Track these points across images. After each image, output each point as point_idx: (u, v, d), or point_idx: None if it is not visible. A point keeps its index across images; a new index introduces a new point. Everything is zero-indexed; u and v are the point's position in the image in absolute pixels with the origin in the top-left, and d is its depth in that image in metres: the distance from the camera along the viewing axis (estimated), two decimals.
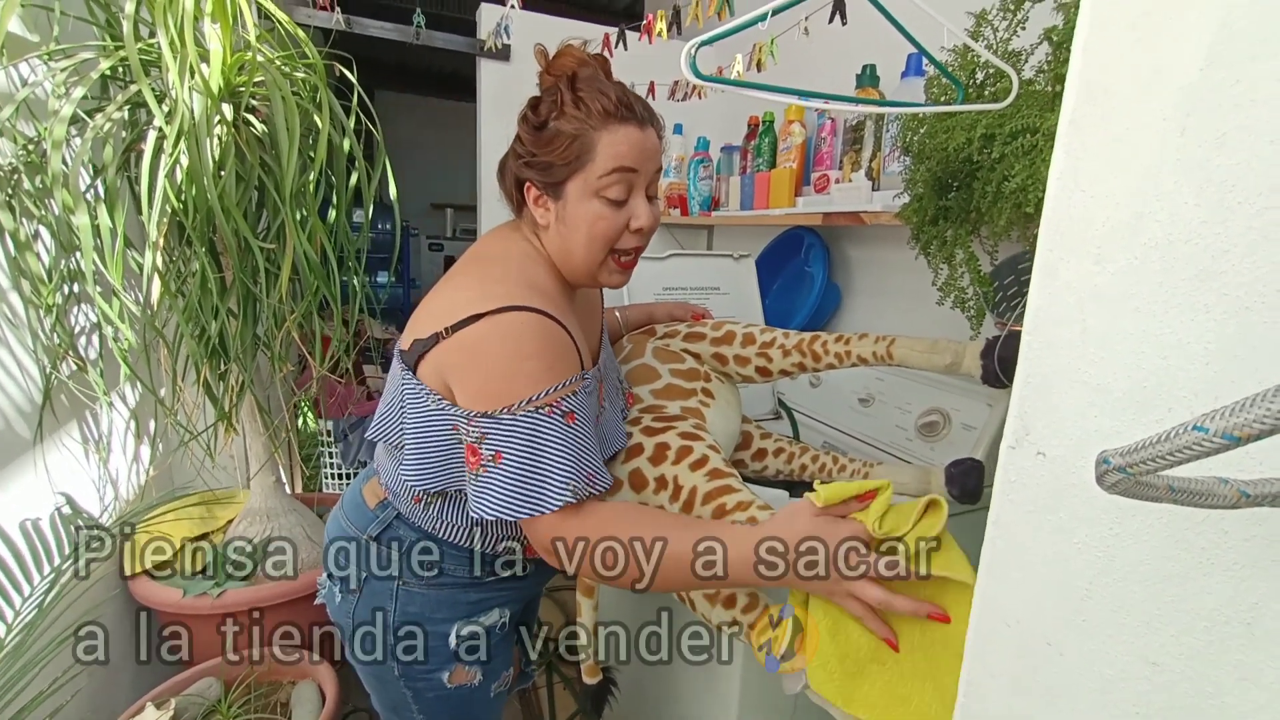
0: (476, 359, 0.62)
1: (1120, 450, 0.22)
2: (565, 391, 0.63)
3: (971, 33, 0.92)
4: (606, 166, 0.65)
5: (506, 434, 0.61)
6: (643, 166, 0.67)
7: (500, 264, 0.70)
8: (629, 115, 0.66)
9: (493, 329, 0.62)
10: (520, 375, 0.61)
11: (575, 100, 0.65)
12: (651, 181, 0.70)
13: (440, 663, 0.77)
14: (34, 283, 0.97)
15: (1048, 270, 0.35)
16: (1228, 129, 0.27)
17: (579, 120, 0.65)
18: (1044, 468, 0.36)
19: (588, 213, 0.67)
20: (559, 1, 3.70)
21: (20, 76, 1.00)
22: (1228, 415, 0.19)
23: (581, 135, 0.65)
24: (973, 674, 0.41)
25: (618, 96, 0.65)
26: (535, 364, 0.62)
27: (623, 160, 0.65)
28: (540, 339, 0.63)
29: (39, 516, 0.95)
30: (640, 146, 0.66)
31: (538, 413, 0.61)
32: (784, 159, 1.51)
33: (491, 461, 0.62)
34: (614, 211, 0.67)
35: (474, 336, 0.62)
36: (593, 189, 0.66)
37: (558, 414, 0.62)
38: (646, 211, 0.69)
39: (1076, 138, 0.33)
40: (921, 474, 0.95)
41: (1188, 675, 0.30)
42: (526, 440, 0.61)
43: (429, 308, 0.67)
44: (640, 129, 0.66)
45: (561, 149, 0.66)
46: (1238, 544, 0.28)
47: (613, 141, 0.65)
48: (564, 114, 0.65)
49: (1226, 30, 0.27)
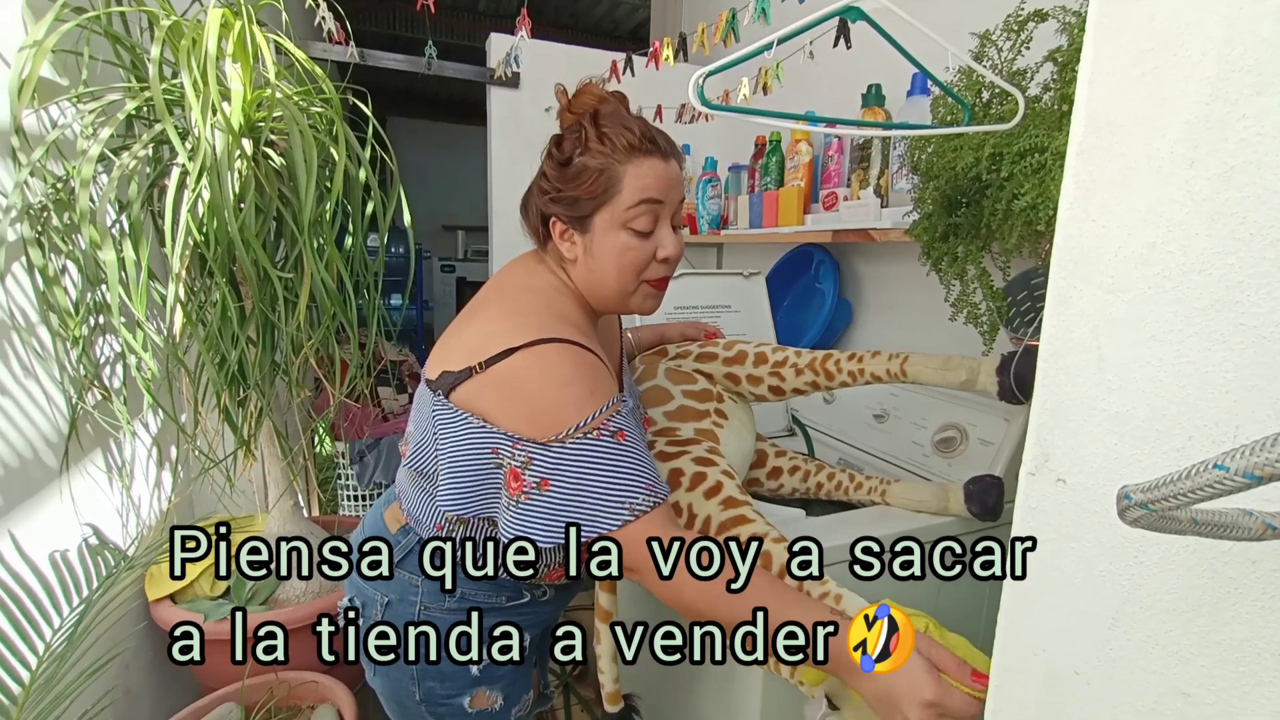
0: (517, 392, 0.63)
1: (1141, 487, 0.23)
2: (610, 413, 0.63)
3: (976, 53, 0.93)
4: (633, 199, 0.67)
5: (556, 462, 0.62)
6: (667, 197, 0.69)
7: (528, 296, 0.71)
8: (653, 148, 0.67)
9: (529, 361, 0.62)
10: (565, 404, 0.62)
11: (600, 135, 0.67)
12: (676, 211, 0.71)
13: (462, 688, 0.77)
14: (61, 316, 1.00)
15: (1061, 298, 0.35)
16: (1235, 163, 0.28)
17: (604, 155, 0.66)
18: (1065, 495, 0.35)
19: (616, 244, 0.68)
20: (567, 28, 3.78)
21: (50, 118, 1.04)
22: (1249, 455, 0.19)
23: (607, 169, 0.66)
24: (999, 704, 0.40)
25: (641, 130, 0.67)
26: (577, 390, 0.62)
27: (648, 192, 0.67)
28: (577, 366, 0.63)
29: (67, 548, 0.97)
30: (665, 178, 0.68)
31: (587, 438, 0.62)
32: (791, 177, 1.52)
33: (536, 489, 0.62)
34: (641, 242, 0.69)
35: (510, 370, 0.63)
36: (620, 221, 0.68)
37: (606, 434, 0.62)
38: (672, 240, 0.70)
39: (1085, 168, 0.34)
40: (940, 491, 0.94)
41: (1221, 709, 0.30)
42: (578, 466, 0.61)
43: (458, 339, 0.68)
44: (664, 161, 0.68)
45: (588, 183, 0.67)
46: (1266, 574, 0.28)
47: (638, 174, 0.66)
48: (589, 149, 0.67)
49: (1229, 66, 0.28)
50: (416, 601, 0.75)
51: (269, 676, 1.16)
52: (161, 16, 1.01)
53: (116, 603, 1.03)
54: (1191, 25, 0.29)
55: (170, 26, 1.00)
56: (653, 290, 0.73)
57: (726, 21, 1.10)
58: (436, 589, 0.76)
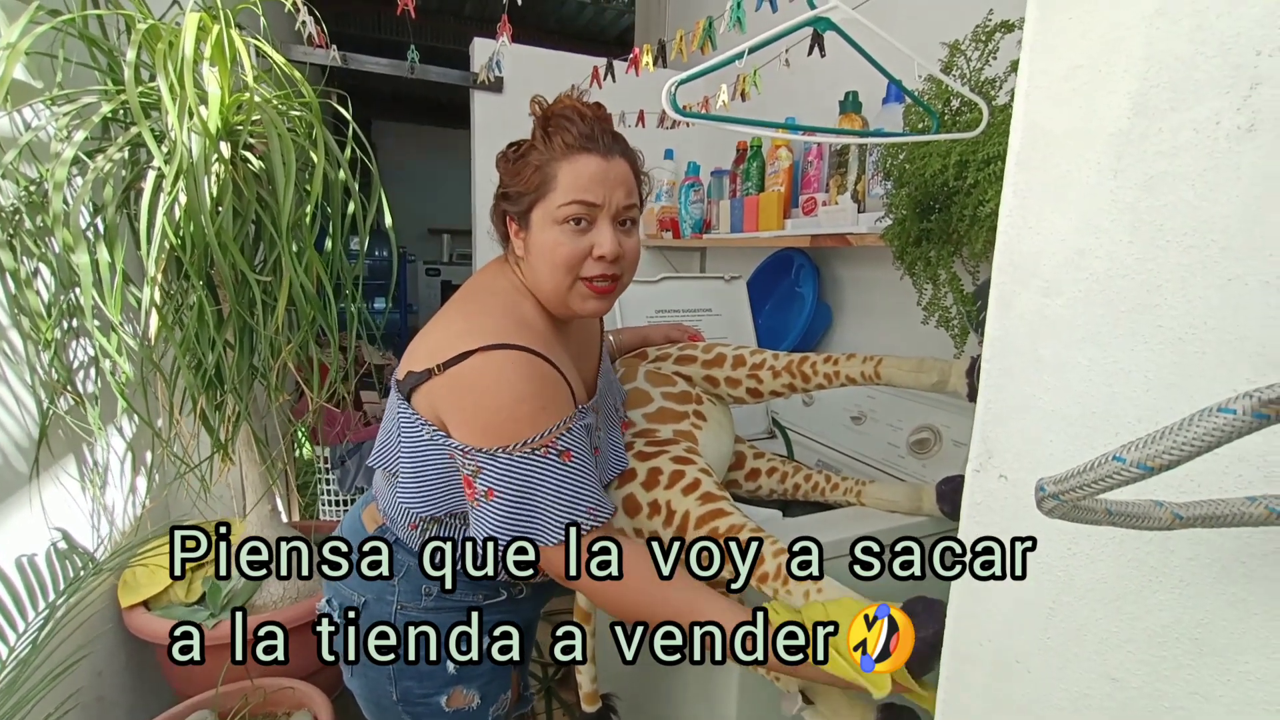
0: (469, 397, 0.64)
1: (1053, 479, 0.24)
2: (560, 431, 0.65)
3: (945, 63, 0.95)
4: (565, 196, 0.67)
5: (501, 473, 0.63)
6: (602, 196, 0.68)
7: (489, 298, 0.72)
8: (591, 146, 0.67)
9: (484, 366, 0.64)
10: (516, 418, 0.63)
11: (545, 134, 0.69)
12: (622, 210, 0.70)
13: (439, 686, 0.77)
14: (33, 319, 0.99)
15: (1003, 302, 0.37)
16: (1154, 173, 0.29)
17: (543, 152, 0.68)
18: (1006, 490, 0.37)
19: (549, 239, 0.68)
20: (553, 33, 3.80)
21: (24, 120, 1.03)
22: (1142, 447, 0.21)
23: (544, 165, 0.68)
24: (950, 692, 0.42)
25: (580, 130, 0.67)
26: (529, 405, 0.64)
27: (581, 192, 0.67)
28: (531, 379, 0.64)
29: (34, 552, 0.96)
30: (601, 176, 0.67)
31: (534, 454, 0.63)
32: (772, 182, 1.54)
33: (484, 498, 0.64)
34: (574, 239, 0.68)
35: (465, 373, 0.64)
36: (552, 217, 0.68)
37: (553, 453, 0.64)
38: (609, 239, 0.68)
39: (1023, 177, 0.35)
40: (913, 491, 0.96)
41: (1145, 691, 0.31)
42: (522, 480, 0.63)
43: (424, 342, 0.69)
44: (604, 159, 0.68)
45: (527, 178, 0.69)
46: (1182, 563, 0.29)
47: (573, 171, 0.67)
48: (534, 147, 0.69)
49: (1148, 82, 0.30)
50: (393, 601, 0.76)
51: (244, 683, 1.15)
52: (138, 20, 1.01)
53: (84, 607, 1.02)
54: (1116, 43, 0.31)
55: (147, 30, 1.00)
56: (591, 292, 0.70)
57: (704, 29, 1.12)
58: (413, 589, 0.76)
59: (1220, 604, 0.28)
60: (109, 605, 1.21)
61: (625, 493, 0.79)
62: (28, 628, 0.85)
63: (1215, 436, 0.20)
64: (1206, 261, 0.28)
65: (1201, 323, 0.28)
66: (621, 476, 0.80)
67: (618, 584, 0.65)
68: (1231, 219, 0.27)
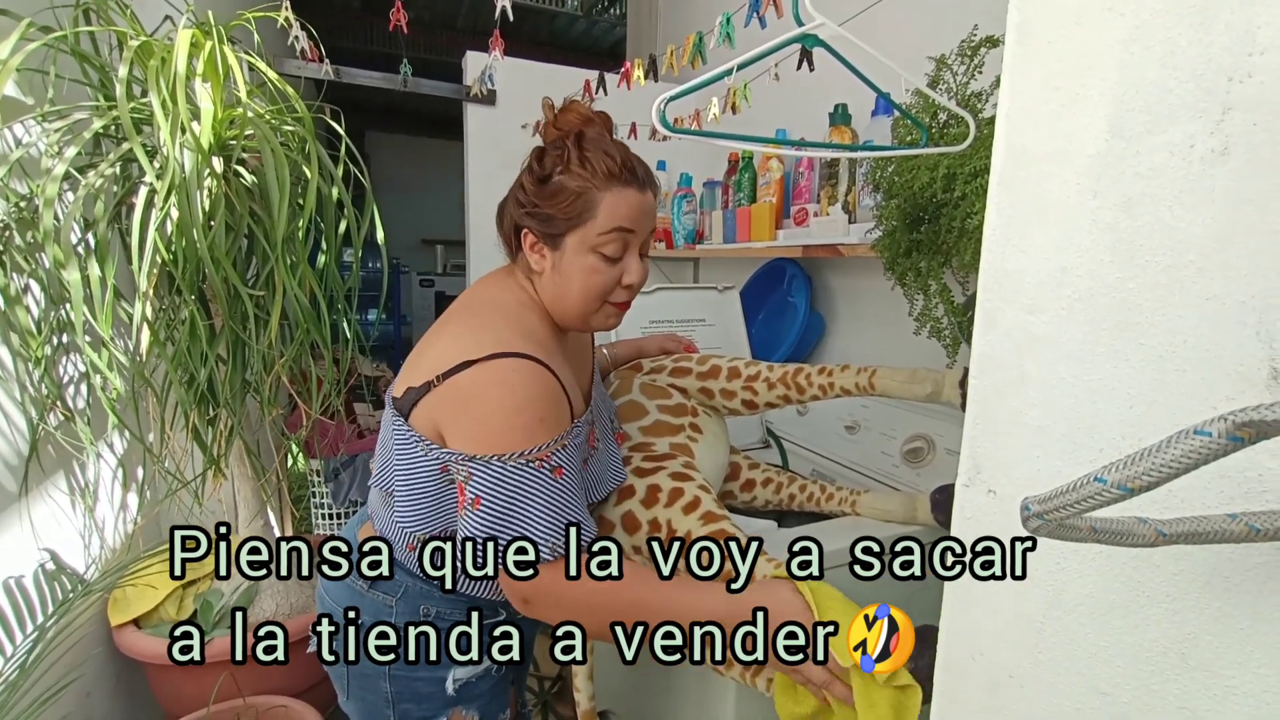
0: (469, 405, 0.64)
1: (1037, 499, 0.24)
2: (556, 447, 0.65)
3: (932, 77, 0.97)
4: (607, 225, 0.68)
5: (491, 482, 0.62)
6: (639, 227, 0.71)
7: (493, 311, 0.72)
8: (631, 179, 0.69)
9: (486, 376, 0.63)
10: (514, 428, 0.63)
11: (581, 158, 0.68)
12: (645, 241, 0.73)
13: (438, 708, 0.76)
14: (22, 335, 0.98)
15: (988, 318, 0.37)
16: (1132, 194, 0.30)
17: (583, 178, 0.68)
18: (995, 505, 0.37)
19: (583, 266, 0.70)
20: (545, 45, 3.82)
21: (15, 137, 1.03)
22: (1122, 468, 0.21)
23: (585, 193, 0.68)
24: (944, 707, 0.42)
25: (622, 159, 0.69)
26: (528, 417, 0.63)
27: (621, 221, 0.69)
28: (533, 388, 0.64)
29: (22, 574, 0.95)
30: (640, 209, 0.70)
31: (528, 466, 0.63)
32: (764, 193, 1.55)
33: (470, 506, 0.63)
34: (608, 267, 0.70)
35: (466, 382, 0.63)
36: (590, 245, 0.69)
37: (546, 469, 0.64)
38: (638, 268, 0.72)
39: (1005, 196, 0.36)
40: (908, 501, 0.96)
41: (1135, 706, 0.31)
42: (510, 491, 0.62)
43: (424, 355, 0.69)
44: (640, 192, 0.70)
45: (565, 204, 0.68)
46: (1168, 578, 0.30)
47: (614, 202, 0.68)
48: (569, 170, 0.68)
49: (1124, 105, 0.30)
50: (392, 622, 0.75)
51: (236, 701, 1.14)
52: (131, 36, 1.01)
53: (74, 629, 1.01)
54: (1092, 67, 0.32)
55: (139, 46, 1.00)
56: (615, 310, 0.75)
57: (694, 44, 1.13)
58: (411, 609, 0.75)
59: (1205, 619, 0.28)
60: (99, 625, 1.20)
61: (624, 510, 0.79)
62: (16, 651, 0.84)
63: (1192, 459, 0.20)
64: (1184, 281, 0.29)
65: (1181, 341, 0.29)
66: (620, 493, 0.80)
67: (608, 593, 0.65)
68: (1207, 240, 0.28)
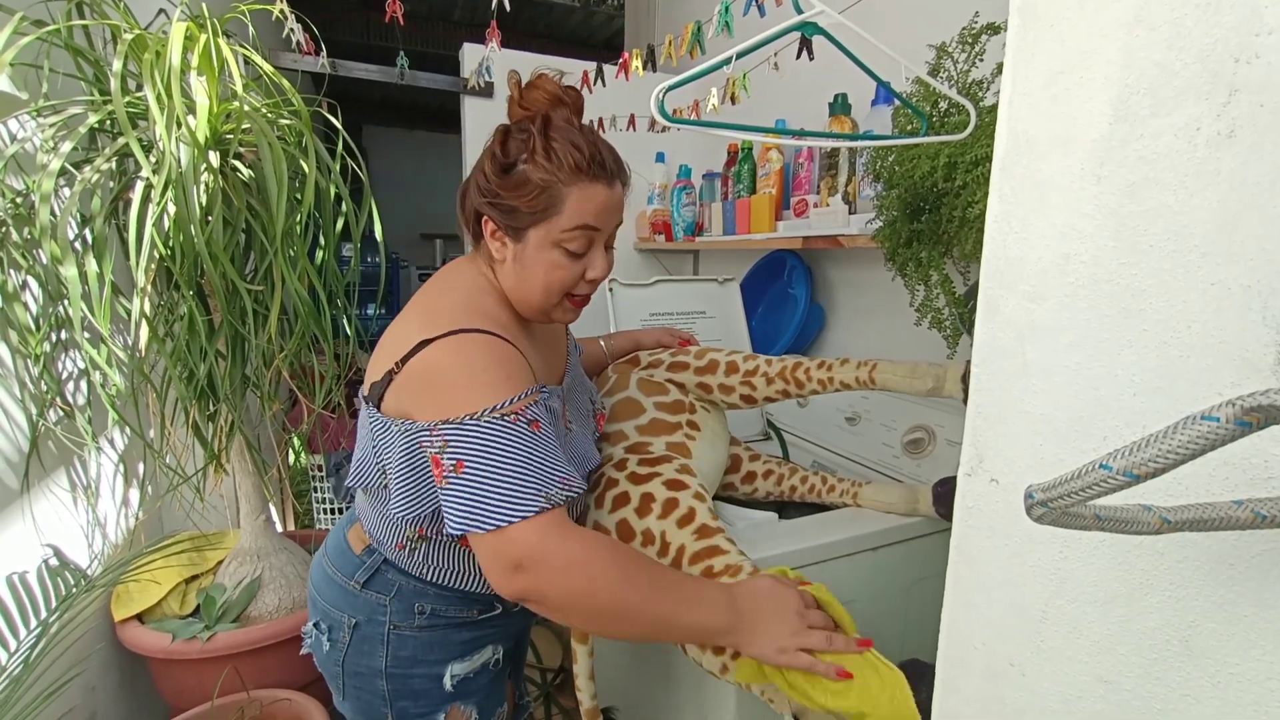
0: (431, 381, 0.62)
1: (1041, 486, 0.24)
2: (528, 400, 0.62)
3: (932, 65, 0.96)
4: (572, 222, 0.66)
5: (469, 441, 0.59)
6: (605, 224, 0.68)
7: (448, 295, 0.70)
8: (600, 172, 0.66)
9: (441, 351, 0.62)
10: (479, 386, 0.61)
11: (547, 149, 0.65)
12: (611, 234, 0.71)
13: (435, 705, 0.76)
14: (21, 332, 0.98)
15: (990, 306, 0.37)
16: (1136, 179, 0.30)
17: (549, 171, 0.64)
18: (997, 494, 0.37)
19: (546, 261, 0.67)
20: (542, 37, 3.80)
21: (9, 132, 1.02)
22: (1128, 454, 0.21)
23: (550, 187, 0.65)
24: (945, 696, 0.42)
25: (590, 152, 0.65)
26: (492, 375, 0.61)
27: (588, 219, 0.66)
28: (491, 355, 0.63)
29: (26, 570, 0.95)
30: (607, 205, 0.67)
31: (503, 420, 0.60)
32: (763, 185, 1.54)
33: (454, 471, 0.59)
34: (572, 262, 0.68)
35: (424, 362, 0.62)
36: (554, 240, 0.67)
37: (523, 421, 0.61)
38: (602, 263, 0.70)
39: (1008, 183, 0.36)
40: (909, 493, 0.96)
41: (1139, 694, 0.31)
42: (490, 446, 0.59)
43: (383, 348, 0.67)
44: (609, 186, 0.67)
45: (529, 197, 0.65)
46: (1172, 565, 0.29)
47: (581, 198, 0.65)
48: (534, 160, 0.65)
49: (1128, 89, 0.30)
50: (385, 621, 0.74)
51: (240, 696, 1.14)
52: (124, 29, 1.00)
53: (78, 624, 1.01)
54: (1095, 51, 0.31)
55: (133, 40, 0.99)
56: (573, 305, 0.73)
57: (692, 34, 1.12)
58: (405, 608, 0.75)
59: (1209, 606, 0.28)
60: (102, 620, 1.20)
61: (619, 518, 0.78)
62: (20, 646, 0.85)
63: (1199, 444, 0.20)
64: (1188, 266, 0.28)
65: (1185, 327, 0.28)
66: (615, 500, 0.79)
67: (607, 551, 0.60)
68: (1211, 224, 0.27)
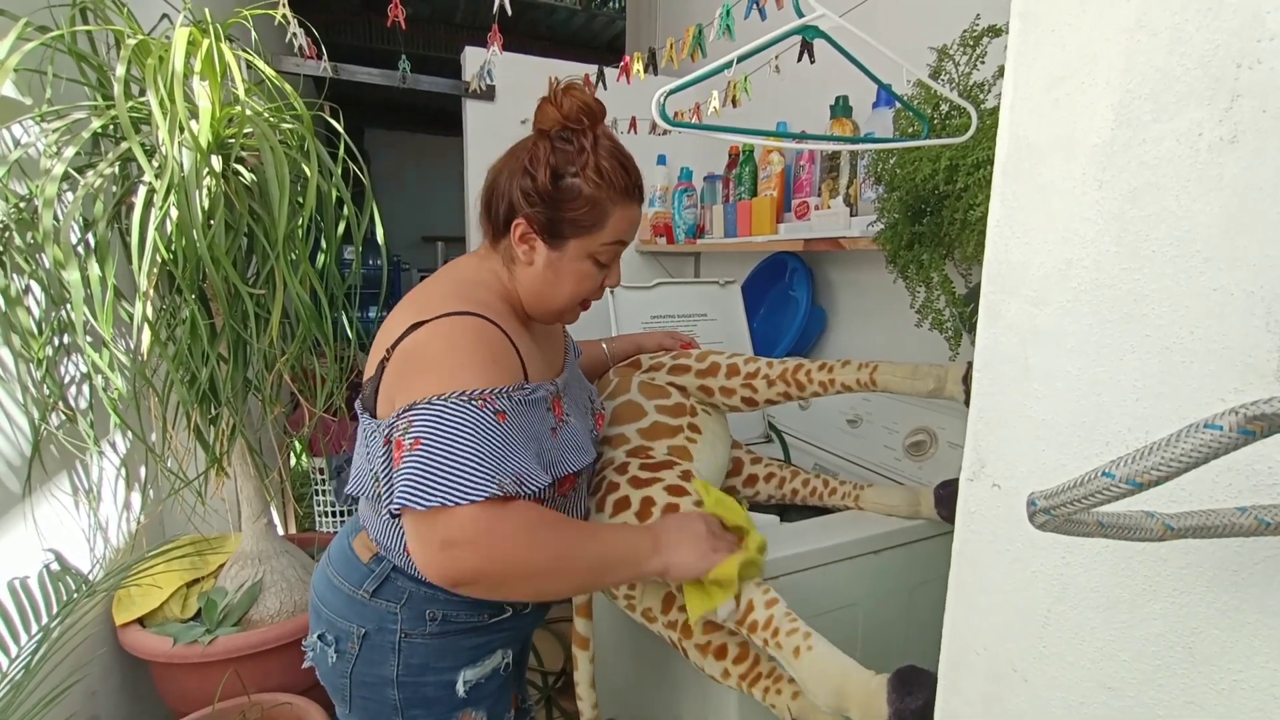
0: (414, 362, 0.63)
1: (1043, 494, 0.24)
2: (500, 393, 0.62)
3: (934, 68, 0.96)
4: (611, 237, 0.72)
5: (429, 420, 0.58)
6: (631, 239, 0.76)
7: (441, 284, 0.72)
8: (638, 195, 0.73)
9: (429, 332, 0.63)
10: (457, 368, 0.61)
11: (599, 166, 0.69)
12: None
13: (447, 711, 0.75)
14: (24, 336, 0.98)
15: (992, 311, 0.37)
16: (1138, 184, 0.30)
17: (598, 188, 0.69)
18: (1000, 499, 0.37)
19: (579, 270, 0.72)
20: (544, 39, 3.81)
21: (13, 137, 1.03)
22: (1131, 463, 0.21)
23: (600, 204, 0.70)
24: (947, 699, 0.42)
25: (634, 175, 0.72)
26: (470, 358, 0.62)
27: (623, 235, 0.73)
28: (476, 338, 0.64)
29: (27, 575, 0.95)
30: (636, 223, 0.74)
31: (470, 403, 0.59)
32: (764, 187, 1.54)
33: (410, 448, 0.58)
34: (598, 273, 0.74)
35: (412, 344, 0.63)
36: (590, 251, 0.72)
37: (489, 410, 0.60)
38: (618, 274, 0.77)
39: (1009, 188, 0.36)
40: (911, 495, 0.96)
41: (1141, 700, 0.31)
42: (447, 427, 0.58)
43: (377, 340, 0.69)
44: (639, 206, 0.74)
45: (580, 211, 0.70)
46: (1175, 571, 0.29)
47: (622, 217, 0.72)
48: (585, 175, 0.69)
49: (1130, 94, 0.30)
50: (396, 630, 0.73)
51: (241, 700, 1.14)
52: (128, 35, 1.00)
53: (79, 628, 1.01)
54: (1097, 55, 0.31)
55: (137, 45, 1.00)
56: (582, 309, 0.79)
57: (694, 37, 1.12)
58: (416, 615, 0.74)
59: (1212, 613, 0.28)
60: (103, 624, 1.20)
61: (620, 522, 0.78)
62: (21, 651, 0.85)
63: (1202, 452, 0.20)
64: (1191, 271, 0.28)
65: (1188, 333, 0.28)
66: (616, 505, 0.79)
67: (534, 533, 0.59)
68: (1214, 229, 0.27)
